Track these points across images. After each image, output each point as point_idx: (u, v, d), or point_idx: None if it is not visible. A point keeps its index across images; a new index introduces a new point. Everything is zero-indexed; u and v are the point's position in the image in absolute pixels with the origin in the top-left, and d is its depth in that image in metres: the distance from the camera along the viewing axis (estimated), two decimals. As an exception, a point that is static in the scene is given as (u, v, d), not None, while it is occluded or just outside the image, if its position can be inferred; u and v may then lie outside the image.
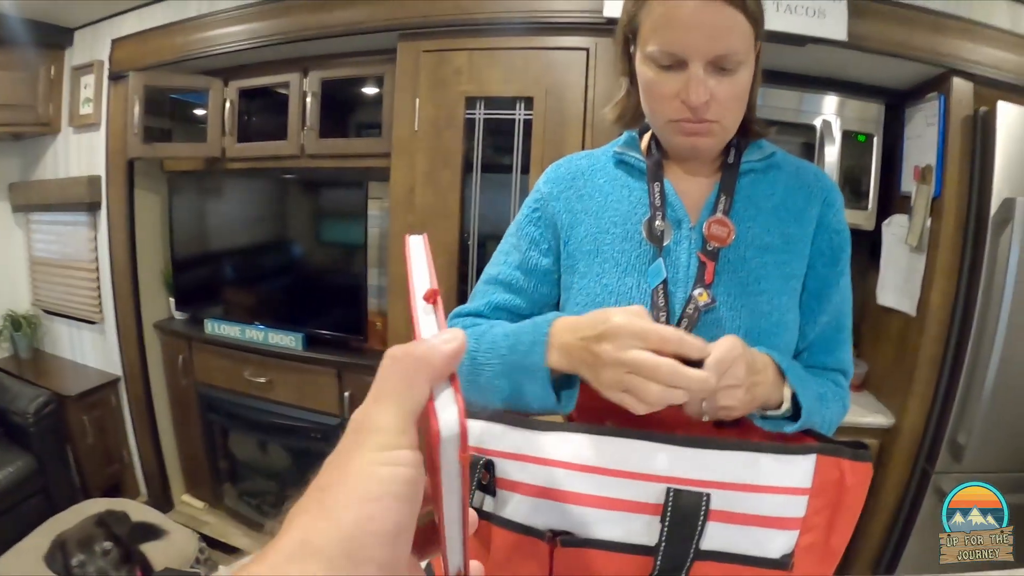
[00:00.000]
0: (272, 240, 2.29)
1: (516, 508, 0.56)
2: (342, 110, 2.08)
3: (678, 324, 0.67)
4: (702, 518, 0.51)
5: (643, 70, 0.67)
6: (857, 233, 2.08)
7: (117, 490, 2.55)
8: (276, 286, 2.27)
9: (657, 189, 0.72)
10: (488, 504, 0.58)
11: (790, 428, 0.62)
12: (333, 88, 2.02)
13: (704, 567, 0.52)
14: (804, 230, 0.72)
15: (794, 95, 1.84)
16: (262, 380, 2.18)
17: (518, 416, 0.60)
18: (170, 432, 2.59)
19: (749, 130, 0.75)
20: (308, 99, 2.01)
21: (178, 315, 2.52)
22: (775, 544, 0.53)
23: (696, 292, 0.67)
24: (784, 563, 0.52)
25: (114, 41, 2.39)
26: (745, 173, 0.73)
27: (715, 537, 0.52)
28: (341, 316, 2.07)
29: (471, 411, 0.55)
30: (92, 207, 2.49)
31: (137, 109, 2.22)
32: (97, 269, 2.55)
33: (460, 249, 1.75)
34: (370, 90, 2.06)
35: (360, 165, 2.00)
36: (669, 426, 0.59)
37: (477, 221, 1.74)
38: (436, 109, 1.72)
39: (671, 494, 0.51)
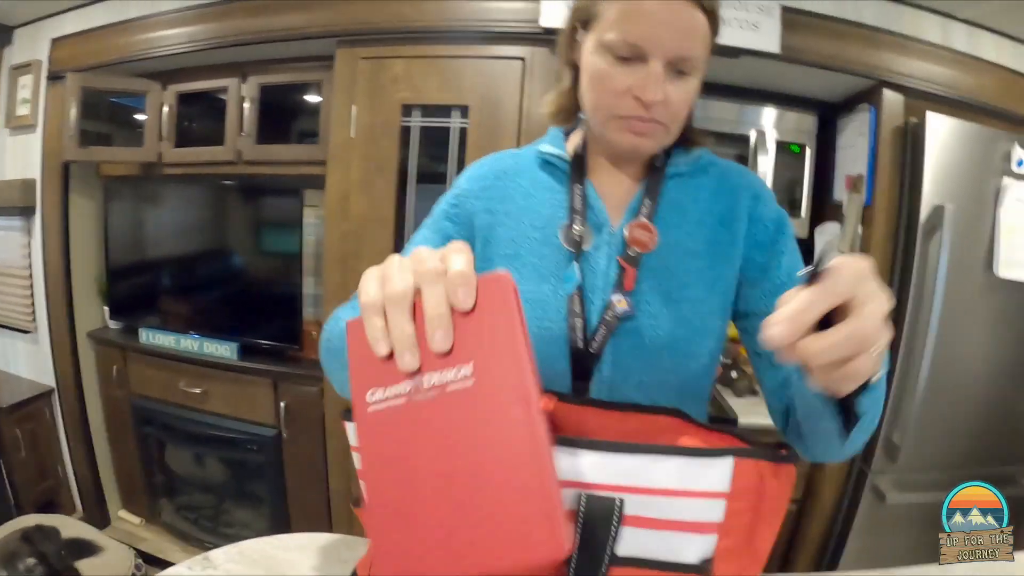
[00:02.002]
0: (208, 248, 2.16)
1: None
2: (280, 116, 1.97)
3: (595, 331, 0.63)
4: (615, 523, 0.47)
5: (595, 60, 0.62)
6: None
7: (52, 506, 2.37)
8: (212, 295, 2.13)
9: (578, 191, 0.67)
10: None
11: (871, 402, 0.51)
12: (272, 94, 1.92)
13: (620, 573, 0.47)
14: (732, 233, 0.68)
15: (729, 106, 1.83)
16: (197, 391, 2.03)
17: None
18: (105, 446, 2.42)
19: (687, 138, 0.71)
20: (246, 104, 1.89)
21: (112, 324, 2.36)
22: (692, 549, 0.48)
23: (614, 298, 0.63)
24: (703, 568, 0.47)
25: (54, 40, 2.25)
26: (671, 177, 0.69)
27: (630, 543, 0.47)
28: (277, 325, 1.96)
29: None
30: (26, 211, 2.32)
31: (73, 111, 2.08)
32: (31, 276, 2.38)
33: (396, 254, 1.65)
34: (309, 97, 1.97)
35: (297, 172, 1.90)
36: (592, 435, 0.54)
37: (413, 229, 1.64)
38: (373, 116, 1.63)
39: (583, 499, 0.47)
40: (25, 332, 2.45)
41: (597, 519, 0.46)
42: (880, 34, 1.70)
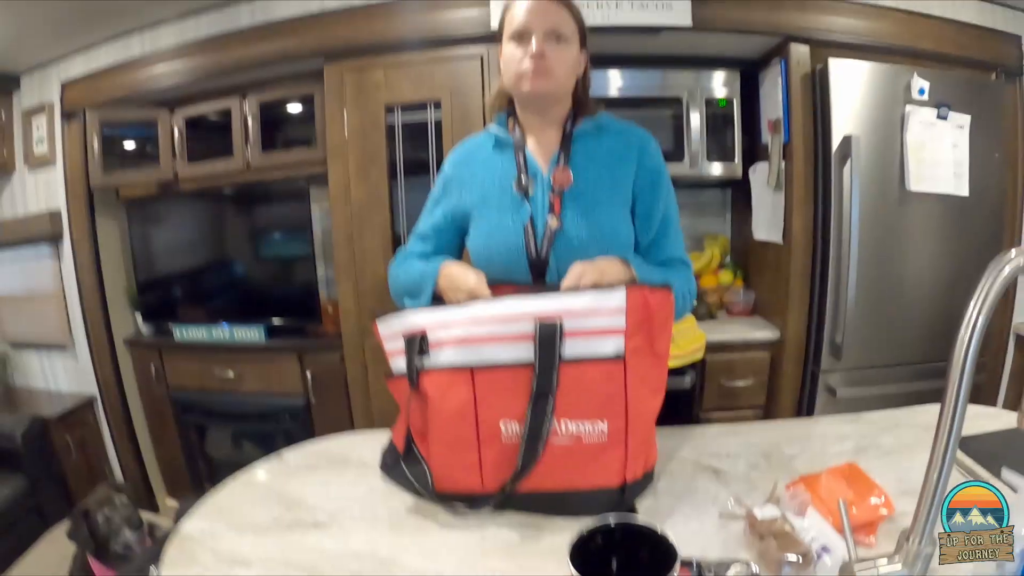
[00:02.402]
0: (228, 248, 2.60)
1: (445, 357, 0.89)
2: (278, 126, 2.44)
3: (541, 243, 1.04)
4: (559, 336, 0.83)
5: (506, 48, 1.03)
6: (733, 184, 2.55)
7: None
8: (237, 288, 2.56)
9: (521, 157, 1.09)
10: (424, 362, 0.90)
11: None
12: (269, 108, 2.36)
13: (567, 368, 0.84)
14: (626, 170, 1.08)
15: (660, 74, 2.26)
16: (230, 375, 2.47)
17: (439, 303, 1.00)
18: (148, 440, 2.84)
19: (585, 108, 1.13)
20: (249, 120, 2.36)
21: (145, 329, 2.79)
22: (609, 346, 0.85)
23: (549, 219, 1.03)
24: (617, 356, 0.86)
25: (64, 83, 2.66)
26: (580, 137, 1.10)
27: (570, 347, 0.84)
28: (298, 307, 2.40)
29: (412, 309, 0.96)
30: (55, 239, 2.75)
31: (96, 143, 2.53)
32: (64, 296, 2.80)
33: (392, 230, 2.13)
34: (300, 108, 2.40)
35: (301, 173, 2.33)
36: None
37: (404, 206, 2.11)
38: (361, 117, 2.09)
39: (538, 325, 0.84)
40: (62, 348, 2.88)
41: (548, 335, 0.86)
42: None
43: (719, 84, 2.31)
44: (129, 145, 2.75)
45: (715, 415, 2.19)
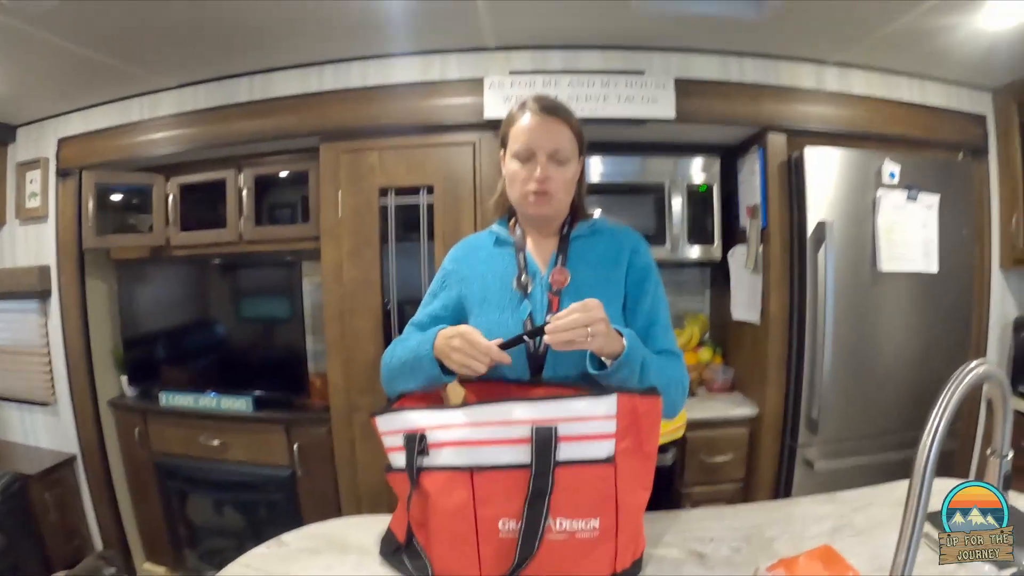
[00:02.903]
0: (218, 316, 2.62)
1: (445, 458, 0.92)
2: (272, 199, 2.49)
3: (540, 341, 1.07)
4: (554, 441, 0.88)
5: (509, 165, 1.10)
6: (713, 265, 2.63)
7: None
8: (225, 357, 2.57)
9: (521, 256, 1.15)
10: (424, 462, 0.93)
11: (610, 373, 0.96)
12: (264, 181, 2.41)
13: (562, 470, 0.88)
14: (618, 270, 1.14)
15: (642, 160, 2.35)
16: (216, 443, 2.46)
17: (438, 404, 1.00)
18: (128, 503, 2.80)
19: (580, 213, 1.20)
20: (243, 192, 2.40)
21: (130, 391, 2.77)
22: (602, 450, 0.89)
23: (548, 318, 1.06)
24: (609, 460, 0.88)
25: (61, 140, 2.68)
26: (575, 239, 1.17)
27: (565, 451, 0.88)
28: (286, 379, 2.41)
29: (412, 407, 0.97)
30: (43, 295, 2.74)
31: (91, 204, 2.54)
32: (49, 353, 2.78)
33: (383, 312, 2.16)
34: (294, 179, 2.44)
35: (292, 248, 2.37)
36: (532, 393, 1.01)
37: (395, 288, 2.15)
38: (355, 198, 2.14)
39: (534, 430, 0.88)
40: (45, 405, 2.84)
41: (544, 440, 0.90)
42: (761, 88, 2.23)
43: (699, 170, 2.41)
44: (123, 207, 2.77)
45: (696, 490, 2.23)
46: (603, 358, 0.98)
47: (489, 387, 1.06)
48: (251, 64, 2.30)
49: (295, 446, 2.34)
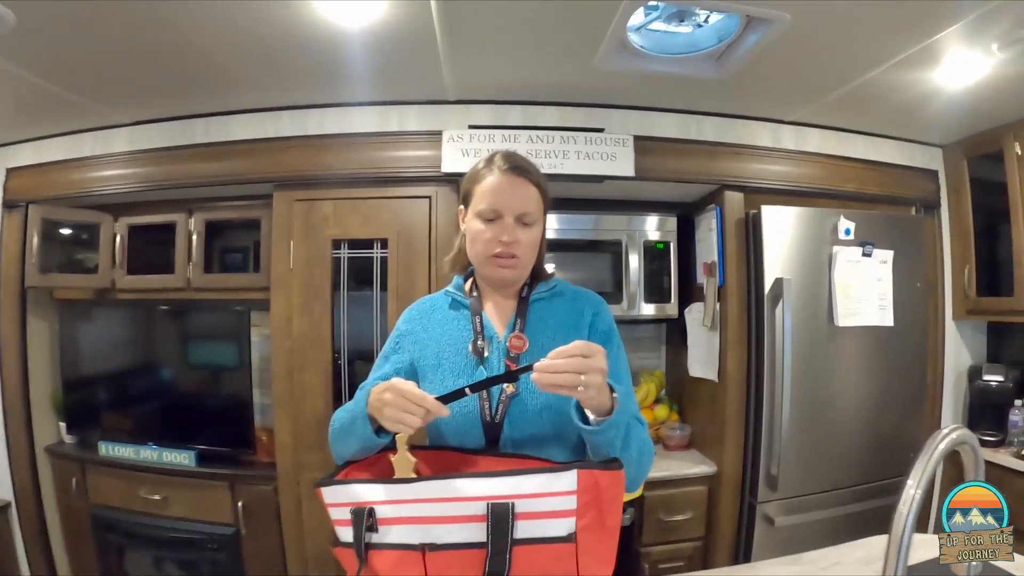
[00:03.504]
0: (162, 364, 2.48)
1: (396, 535, 0.85)
2: (224, 245, 2.40)
3: (496, 408, 0.98)
4: (511, 519, 0.81)
5: (473, 224, 1.02)
6: (669, 322, 2.60)
7: (9, 616, 2.57)
8: (168, 407, 2.43)
9: (477, 320, 1.07)
10: (372, 539, 0.85)
11: (599, 431, 0.88)
12: (216, 226, 2.32)
13: (520, 550, 0.82)
14: (580, 335, 1.07)
15: (601, 217, 2.33)
16: (157, 497, 2.30)
17: (389, 478, 0.90)
18: (63, 555, 2.62)
19: (539, 273, 1.14)
20: (193, 237, 2.29)
21: (69, 438, 2.61)
22: (561, 527, 0.82)
23: (505, 385, 0.99)
24: (570, 538, 0.82)
25: (9, 170, 2.55)
26: (535, 301, 1.10)
27: (523, 529, 0.82)
28: (230, 432, 2.28)
29: (359, 479, 0.87)
30: None
31: (36, 241, 2.40)
32: None
33: (333, 367, 2.06)
34: (247, 225, 2.36)
35: (241, 297, 2.27)
36: (488, 466, 0.92)
37: (346, 344, 2.06)
38: (308, 249, 2.05)
39: (490, 507, 0.81)
40: None
41: (500, 517, 0.79)
42: (719, 146, 2.23)
43: (656, 227, 2.39)
44: (70, 243, 2.63)
45: (655, 550, 2.17)
46: (588, 411, 0.91)
47: (441, 457, 0.99)
48: (208, 105, 2.22)
49: (239, 504, 2.21)
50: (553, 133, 2.05)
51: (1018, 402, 2.40)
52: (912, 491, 0.64)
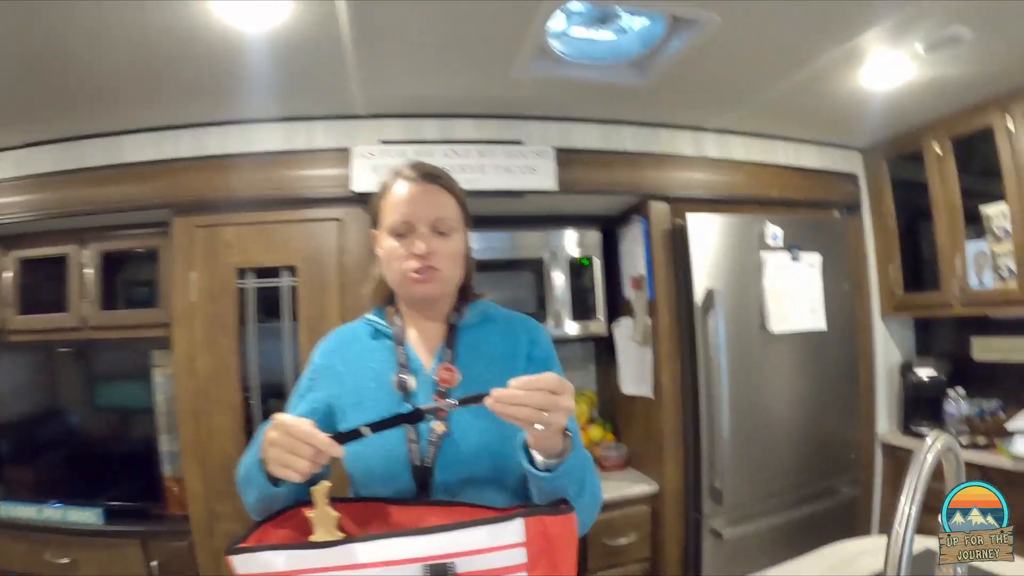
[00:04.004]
0: (63, 412, 2.24)
1: None
2: (121, 278, 2.16)
3: (426, 450, 0.86)
4: None
5: (385, 243, 0.91)
6: (596, 339, 2.52)
7: None
8: (71, 459, 2.19)
9: (401, 351, 0.93)
10: None
11: (549, 476, 0.78)
12: (112, 258, 2.10)
13: None
14: (515, 364, 0.95)
15: (521, 235, 2.22)
16: (65, 560, 2.07)
17: (306, 543, 0.77)
18: None
19: (468, 294, 1.01)
20: (87, 270, 2.06)
21: None
22: None
23: (434, 424, 0.87)
24: None
25: None
26: (465, 329, 0.96)
27: None
28: (138, 485, 2.06)
29: (271, 545, 0.74)
30: None
31: None
32: None
33: (244, 406, 1.88)
34: (146, 255, 2.15)
35: (141, 335, 2.06)
36: (424, 521, 0.81)
37: (257, 380, 1.88)
38: (210, 279, 1.86)
39: (427, 570, 0.70)
40: None
41: None
42: (641, 156, 2.16)
43: (579, 243, 2.31)
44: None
45: (601, 575, 2.06)
46: (536, 452, 0.79)
47: (368, 509, 0.85)
48: (101, 124, 2.02)
49: (153, 563, 1.99)
50: (470, 147, 1.95)
51: (952, 392, 2.42)
52: (906, 508, 0.61)
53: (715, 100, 2.08)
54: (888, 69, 1.86)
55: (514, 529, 0.72)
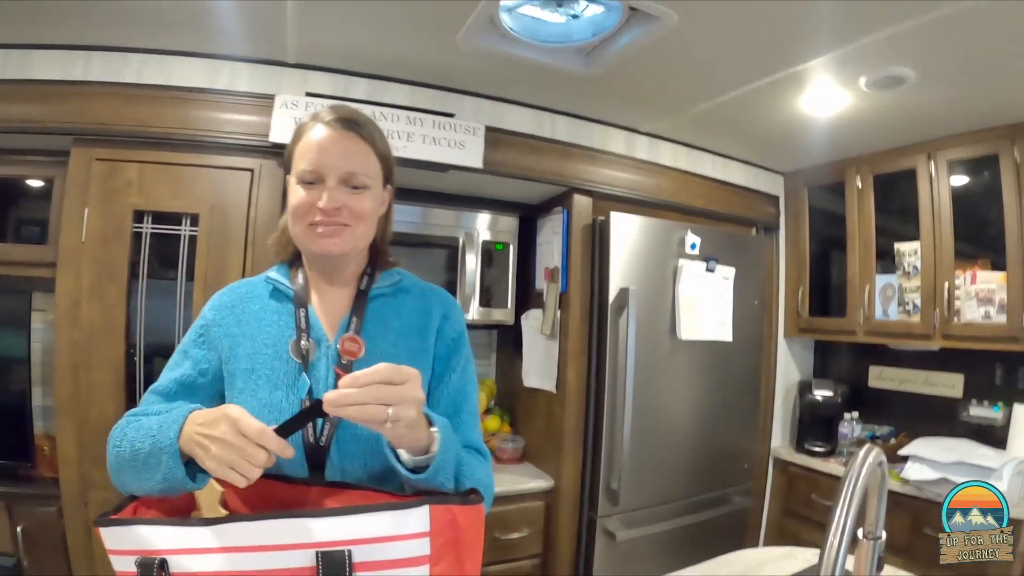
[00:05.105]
0: None
1: None
2: (8, 210, 1.93)
3: (322, 428, 0.78)
4: (348, 570, 0.62)
5: (292, 190, 0.82)
6: (501, 328, 2.46)
7: None
8: None
9: (303, 314, 0.83)
10: None
11: (419, 477, 0.71)
12: (7, 189, 1.86)
13: None
14: (426, 342, 0.87)
15: (443, 212, 2.13)
16: None
17: (184, 517, 0.70)
18: None
19: (381, 260, 0.91)
20: (-30, 197, 1.86)
21: None
22: None
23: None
24: None
25: None
26: (375, 298, 0.87)
27: None
28: (5, 441, 1.82)
29: (145, 519, 0.66)
30: None
31: None
32: None
33: (127, 365, 1.70)
34: (39, 188, 1.91)
35: (24, 274, 1.81)
36: (318, 505, 0.73)
37: (143, 337, 1.69)
38: (105, 220, 1.67)
39: (319, 557, 0.62)
40: None
41: (334, 570, 0.61)
42: (572, 148, 2.11)
43: (498, 228, 2.23)
44: None
45: (492, 570, 1.96)
46: (401, 451, 0.72)
47: (255, 486, 0.76)
48: (9, 34, 1.78)
49: (18, 529, 1.76)
50: (400, 112, 1.84)
51: (847, 415, 2.50)
52: (841, 521, 0.61)
53: (653, 102, 2.05)
54: (828, 98, 1.89)
55: (419, 517, 0.65)
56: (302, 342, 0.82)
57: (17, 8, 1.63)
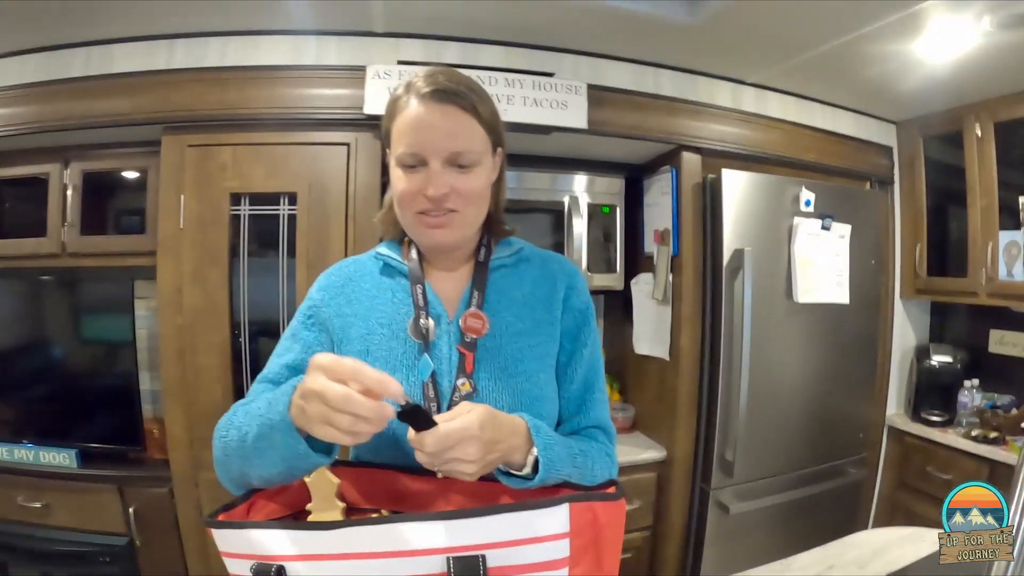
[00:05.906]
0: (35, 347, 1.96)
1: None
2: (105, 203, 1.89)
3: (448, 411, 0.67)
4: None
5: (395, 173, 0.72)
6: (609, 293, 2.28)
7: None
8: (42, 398, 1.93)
9: (419, 290, 0.75)
10: None
11: (530, 484, 0.65)
12: (96, 180, 1.82)
13: None
14: (552, 314, 0.78)
15: (544, 176, 1.96)
16: (38, 505, 1.82)
17: (301, 523, 0.63)
18: None
19: (496, 229, 0.80)
20: (69, 192, 1.78)
21: None
22: None
23: (459, 382, 0.71)
24: None
25: None
26: (496, 269, 0.78)
27: None
28: (116, 426, 1.81)
29: (258, 522, 0.60)
30: None
31: None
32: None
33: (232, 347, 1.63)
34: (134, 179, 1.88)
35: (125, 264, 1.79)
36: (448, 501, 0.68)
37: (247, 319, 1.62)
38: (201, 205, 1.59)
39: (451, 562, 0.54)
40: None
41: (466, 575, 0.54)
42: (677, 103, 1.90)
43: (604, 190, 2.04)
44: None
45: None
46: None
47: (376, 478, 0.71)
48: (89, 31, 1.73)
49: (131, 510, 1.75)
50: (497, 74, 1.67)
51: (967, 383, 2.25)
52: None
53: (761, 50, 1.83)
54: (947, 41, 1.66)
55: (558, 516, 0.57)
56: (421, 320, 0.74)
57: (97, 8, 1.57)
